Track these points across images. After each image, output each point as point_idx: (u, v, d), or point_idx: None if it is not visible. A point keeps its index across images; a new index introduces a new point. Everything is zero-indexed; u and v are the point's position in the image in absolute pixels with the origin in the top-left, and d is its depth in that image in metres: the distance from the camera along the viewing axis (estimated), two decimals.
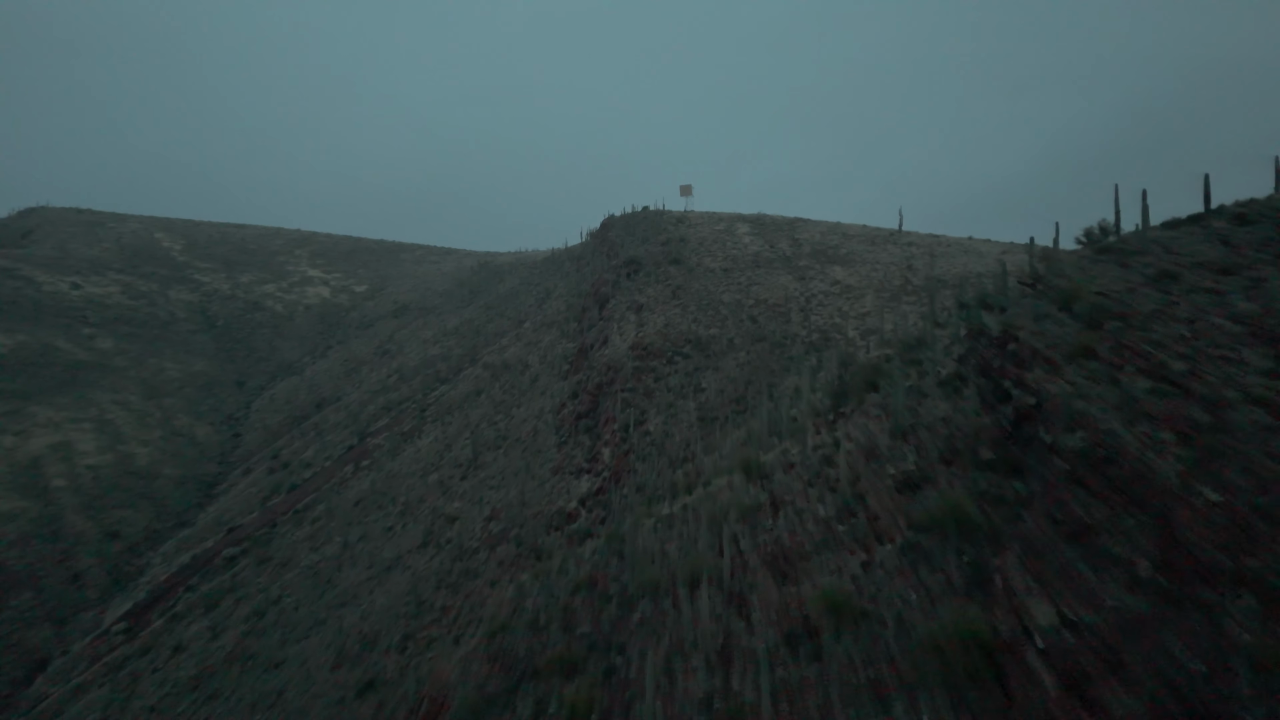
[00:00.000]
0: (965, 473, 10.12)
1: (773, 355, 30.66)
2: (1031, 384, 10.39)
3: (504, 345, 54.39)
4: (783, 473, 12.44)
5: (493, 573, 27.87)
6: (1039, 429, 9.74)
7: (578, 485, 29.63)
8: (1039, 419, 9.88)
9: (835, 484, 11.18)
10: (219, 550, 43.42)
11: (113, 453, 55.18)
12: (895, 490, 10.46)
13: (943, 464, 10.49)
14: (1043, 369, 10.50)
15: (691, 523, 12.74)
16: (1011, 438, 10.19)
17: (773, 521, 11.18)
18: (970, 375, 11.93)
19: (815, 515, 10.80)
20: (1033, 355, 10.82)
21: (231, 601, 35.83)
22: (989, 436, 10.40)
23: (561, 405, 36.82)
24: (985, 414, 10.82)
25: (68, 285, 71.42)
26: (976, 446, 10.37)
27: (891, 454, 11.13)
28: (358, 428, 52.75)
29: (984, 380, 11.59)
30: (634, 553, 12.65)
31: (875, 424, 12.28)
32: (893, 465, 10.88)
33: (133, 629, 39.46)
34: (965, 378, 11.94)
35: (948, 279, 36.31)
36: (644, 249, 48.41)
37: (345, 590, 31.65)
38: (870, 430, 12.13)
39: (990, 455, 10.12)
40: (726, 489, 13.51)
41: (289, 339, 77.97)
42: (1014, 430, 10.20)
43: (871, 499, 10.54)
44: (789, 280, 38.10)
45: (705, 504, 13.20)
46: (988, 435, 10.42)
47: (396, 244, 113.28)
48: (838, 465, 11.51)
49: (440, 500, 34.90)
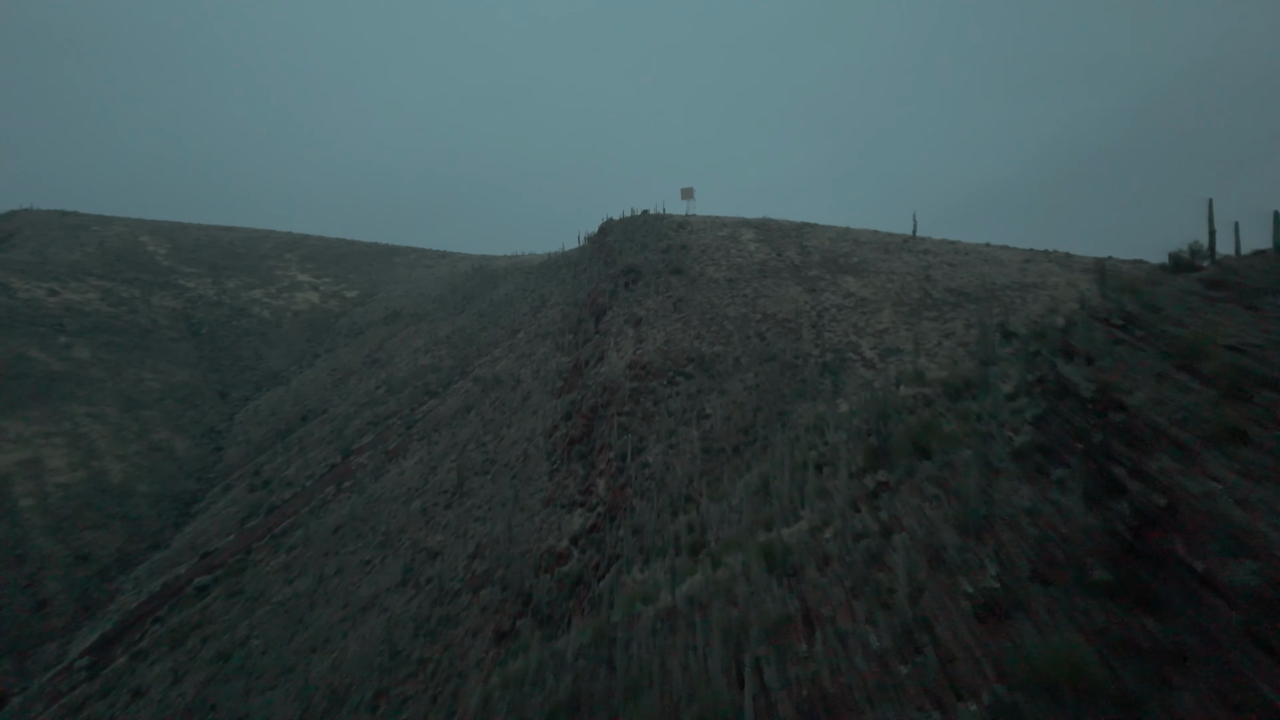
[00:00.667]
0: (1072, 599, 7.51)
1: (783, 377, 28.05)
2: (1158, 476, 7.78)
3: (496, 357, 51.78)
4: (816, 569, 9.82)
5: (475, 620, 25.28)
6: (1176, 543, 7.14)
7: (570, 521, 27.03)
8: (1175, 529, 7.28)
9: (889, 598, 8.56)
10: (191, 578, 40.82)
11: (85, 469, 52.55)
12: (974, 617, 7.85)
13: (1037, 582, 7.88)
14: (1171, 454, 7.89)
15: (700, 629, 10.11)
16: (1133, 551, 7.59)
17: (808, 647, 8.56)
18: (1058, 449, 9.32)
19: (865, 645, 8.19)
20: (1154, 433, 8.21)
21: (198, 640, 33.21)
22: (1100, 546, 7.79)
23: (554, 427, 34.22)
24: (1089, 509, 8.22)
25: (44, 292, 68.76)
26: (1084, 560, 7.76)
27: (963, 560, 8.51)
28: (342, 444, 50.13)
29: (1079, 458, 8.99)
30: (627, 664, 10.04)
31: (934, 508, 9.66)
32: (967, 578, 8.26)
33: (95, 666, 36.87)
34: (1052, 453, 9.33)
35: (969, 291, 33.73)
36: (643, 256, 45.80)
37: (317, 633, 29.05)
38: (929, 518, 9.51)
39: (1106, 576, 7.49)
40: (743, 579, 10.89)
41: (276, 347, 75.32)
42: (1137, 541, 7.60)
43: (942, 627, 7.92)
44: (798, 292, 35.49)
45: (716, 600, 10.58)
46: (1098, 544, 7.81)
47: (390, 247, 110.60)
48: (891, 569, 8.90)
49: (422, 531, 32.30)
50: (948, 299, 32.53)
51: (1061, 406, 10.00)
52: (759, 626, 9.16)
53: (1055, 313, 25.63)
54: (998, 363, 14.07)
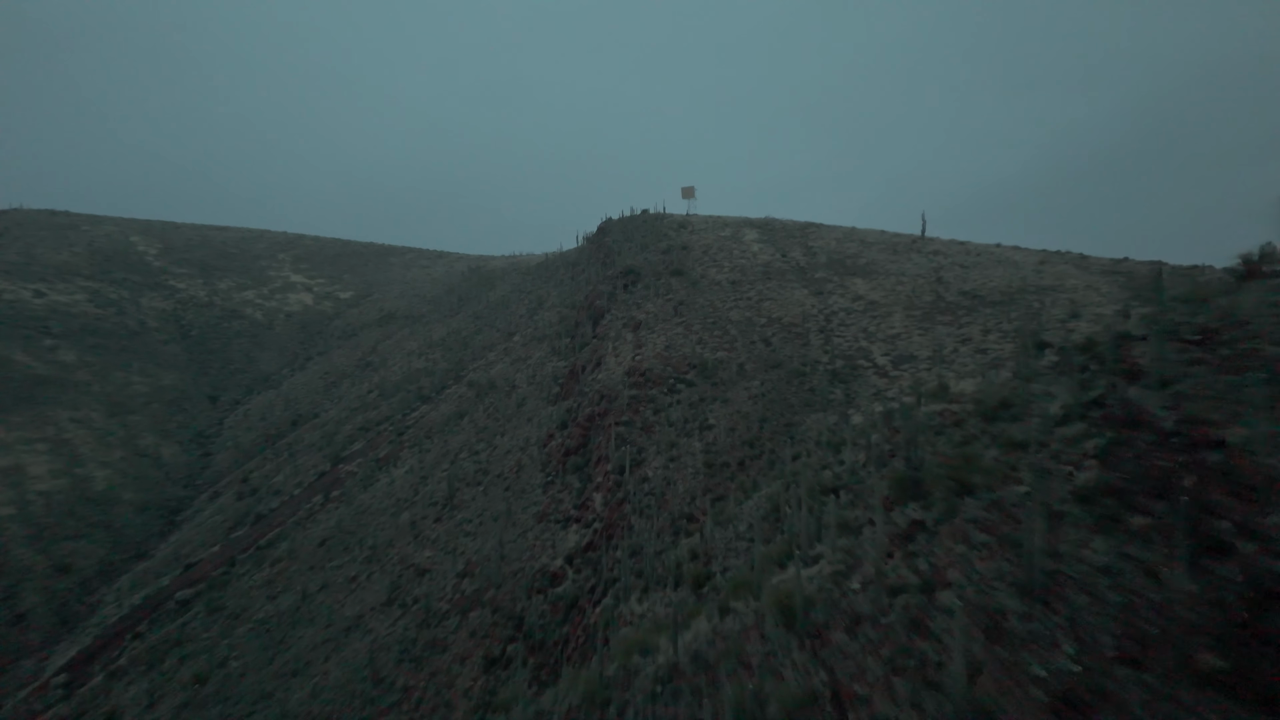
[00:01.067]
0: (1173, 690, 6.02)
1: (790, 386, 26.56)
2: (1276, 535, 6.30)
3: (491, 361, 50.28)
4: (844, 631, 8.32)
5: (463, 645, 23.76)
6: None
7: (564, 538, 25.54)
8: None
9: (937, 678, 7.07)
10: (173, 591, 39.31)
11: (68, 476, 51.03)
12: (1050, 710, 6.35)
13: (1126, 665, 6.38)
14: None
15: (707, 697, 8.62)
16: (1250, 631, 6.10)
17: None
18: (1134, 492, 7.83)
19: None
20: (1267, 480, 6.73)
21: (175, 660, 31.70)
22: (1205, 622, 6.30)
23: (549, 436, 32.72)
24: (1188, 574, 6.73)
25: (30, 293, 67.19)
26: (1185, 639, 6.27)
27: (1029, 631, 7.02)
28: (332, 450, 48.61)
29: (1161, 503, 7.51)
30: None
31: (984, 560, 8.17)
32: (1036, 656, 6.76)
33: (72, 683, 35.34)
34: (1126, 496, 7.83)
35: (984, 294, 32.26)
36: (643, 257, 44.30)
37: (298, 655, 27.55)
38: (979, 572, 8.02)
39: (1216, 662, 6.01)
40: (755, 634, 9.40)
41: (268, 349, 73.78)
42: (1254, 618, 6.11)
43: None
44: (805, 295, 33.98)
45: (726, 662, 9.08)
46: (1202, 619, 6.32)
47: (386, 247, 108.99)
48: (938, 638, 7.40)
49: (411, 546, 30.80)
50: (962, 302, 31.04)
51: (1133, 439, 8.51)
52: (778, 704, 7.66)
53: (1092, 321, 24.16)
54: (1038, 379, 12.57)
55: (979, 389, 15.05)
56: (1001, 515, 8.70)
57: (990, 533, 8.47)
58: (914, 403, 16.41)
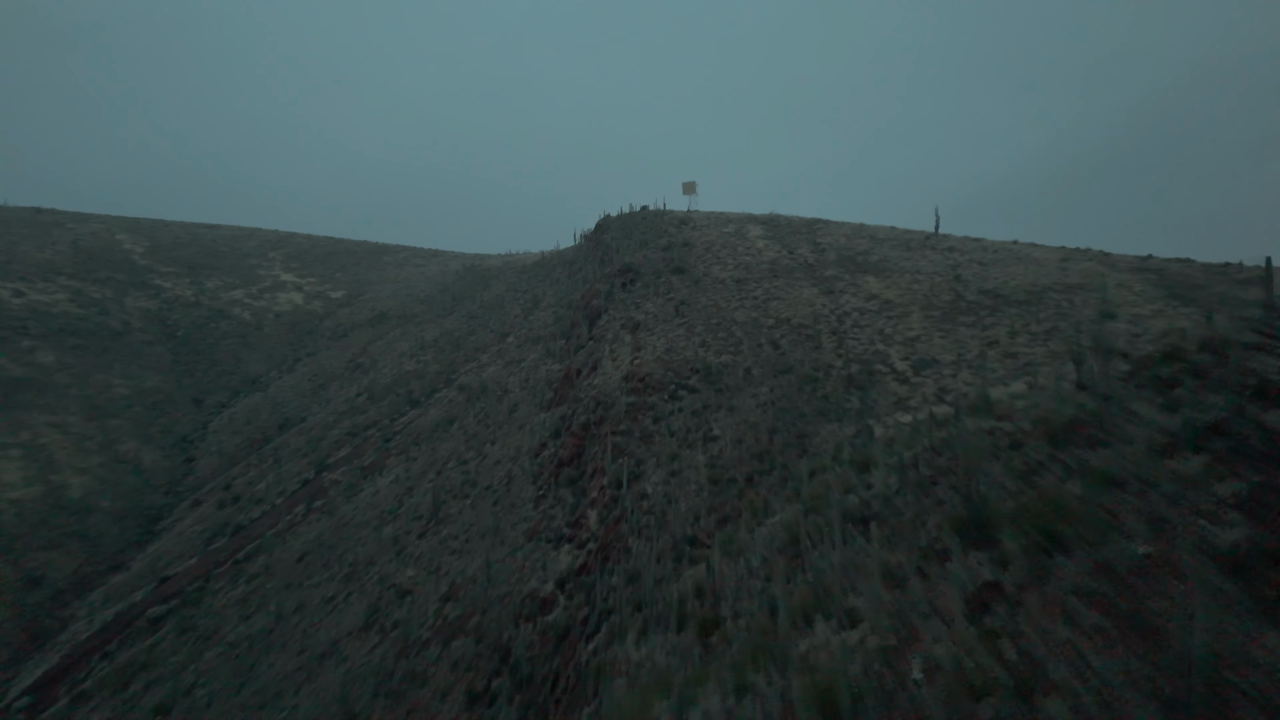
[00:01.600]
0: None
1: (802, 393, 24.45)
2: None
3: (483, 363, 48.17)
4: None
5: (444, 678, 21.64)
6: None
7: (556, 559, 23.42)
8: None
9: None
10: (145, 607, 37.22)
11: (42, 483, 48.90)
12: None
13: None
14: None
15: None
16: None
17: None
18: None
19: None
20: None
21: (142, 685, 29.59)
22: None
23: (542, 446, 30.62)
24: None
25: (9, 293, 65.01)
26: None
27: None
28: (317, 457, 46.51)
29: None
30: None
31: (1103, 652, 6.05)
32: None
33: (36, 705, 33.26)
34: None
35: (1006, 293, 30.18)
36: (642, 255, 42.19)
37: (268, 684, 25.44)
38: (1098, 672, 5.89)
39: None
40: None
41: (256, 350, 71.62)
42: None
43: None
44: (814, 294, 31.88)
45: None
46: None
47: (380, 245, 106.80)
48: None
49: (392, 564, 28.69)
50: (983, 302, 28.95)
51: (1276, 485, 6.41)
52: None
53: (1130, 322, 22.01)
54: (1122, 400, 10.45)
55: (1032, 403, 12.96)
56: (1116, 585, 6.59)
57: (1105, 612, 6.35)
58: (953, 415, 14.31)
